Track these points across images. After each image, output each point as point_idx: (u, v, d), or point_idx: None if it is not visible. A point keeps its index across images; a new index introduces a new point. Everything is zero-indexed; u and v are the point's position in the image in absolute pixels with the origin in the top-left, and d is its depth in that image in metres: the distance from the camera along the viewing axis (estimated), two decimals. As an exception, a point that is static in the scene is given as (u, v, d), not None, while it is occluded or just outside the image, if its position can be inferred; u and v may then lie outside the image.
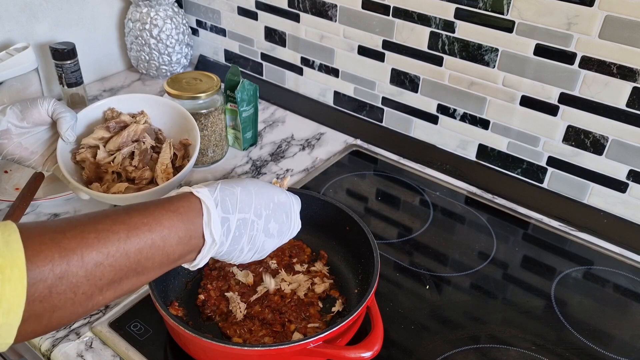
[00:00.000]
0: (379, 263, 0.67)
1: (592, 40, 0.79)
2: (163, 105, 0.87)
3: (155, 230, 0.47)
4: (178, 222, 0.49)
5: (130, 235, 0.46)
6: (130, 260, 0.46)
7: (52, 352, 0.66)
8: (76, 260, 0.42)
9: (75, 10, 1.18)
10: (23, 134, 0.70)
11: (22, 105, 0.69)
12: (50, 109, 0.70)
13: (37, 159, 0.73)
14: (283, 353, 0.59)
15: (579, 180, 0.90)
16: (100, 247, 0.44)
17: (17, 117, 0.69)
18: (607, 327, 0.73)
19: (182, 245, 0.50)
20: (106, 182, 0.78)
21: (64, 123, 0.71)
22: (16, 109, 0.69)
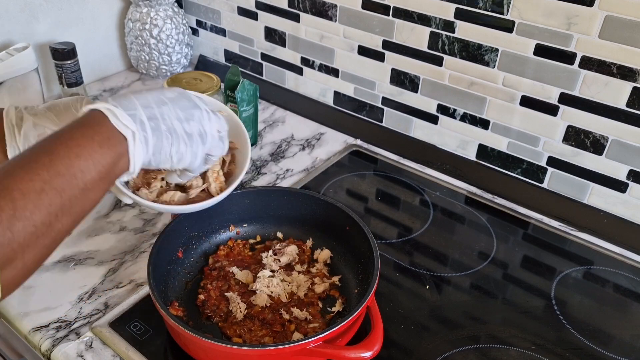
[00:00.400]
0: (379, 263, 0.67)
1: (592, 40, 0.79)
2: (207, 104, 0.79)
3: (80, 156, 0.48)
4: (89, 129, 0.50)
5: (59, 158, 0.47)
6: (67, 182, 0.47)
7: (52, 352, 0.66)
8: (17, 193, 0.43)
9: (75, 10, 1.18)
10: None
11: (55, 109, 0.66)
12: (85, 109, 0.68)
13: None
14: (283, 353, 0.59)
15: (579, 180, 0.90)
16: (32, 176, 0.45)
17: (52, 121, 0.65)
18: (607, 327, 0.73)
19: (103, 150, 0.50)
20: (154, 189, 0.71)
21: None
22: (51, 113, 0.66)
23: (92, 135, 0.50)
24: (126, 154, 0.52)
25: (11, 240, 0.42)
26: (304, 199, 0.79)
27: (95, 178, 0.49)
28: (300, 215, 0.80)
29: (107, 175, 0.51)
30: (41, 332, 0.68)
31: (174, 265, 0.74)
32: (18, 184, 0.44)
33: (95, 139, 0.50)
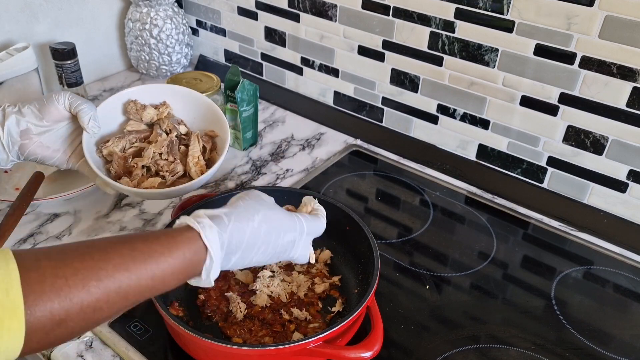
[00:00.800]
0: (379, 263, 0.67)
1: (592, 40, 0.79)
2: (185, 96, 0.80)
3: (158, 277, 0.48)
4: (181, 266, 0.50)
5: (132, 282, 0.46)
6: (129, 300, 0.47)
7: (52, 352, 0.66)
8: (76, 309, 0.43)
9: (75, 10, 1.18)
10: (43, 132, 0.68)
11: (39, 103, 0.67)
12: (67, 102, 0.68)
13: (59, 156, 0.71)
14: (283, 353, 0.59)
15: (579, 180, 0.90)
16: (100, 295, 0.44)
17: (35, 116, 0.66)
18: (607, 327, 0.73)
19: (179, 283, 0.51)
20: (136, 177, 0.74)
21: (84, 115, 0.68)
22: (33, 108, 0.67)
23: (177, 273, 0.50)
24: (203, 261, 0.52)
25: (43, 340, 0.42)
26: (303, 199, 0.79)
27: (167, 278, 0.50)
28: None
29: (181, 278, 0.51)
30: (41, 332, 0.68)
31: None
32: (83, 296, 0.43)
33: (177, 277, 0.50)
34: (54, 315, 0.42)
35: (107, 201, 0.90)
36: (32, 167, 0.92)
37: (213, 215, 0.54)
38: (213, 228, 0.52)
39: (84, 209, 0.88)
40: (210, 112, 0.80)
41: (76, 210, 0.88)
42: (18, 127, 0.66)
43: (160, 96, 0.80)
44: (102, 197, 0.91)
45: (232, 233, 0.53)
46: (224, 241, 0.52)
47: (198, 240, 0.51)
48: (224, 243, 0.52)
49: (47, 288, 0.42)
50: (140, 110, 0.77)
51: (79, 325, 0.44)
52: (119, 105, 0.78)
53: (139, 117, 0.77)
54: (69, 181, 0.92)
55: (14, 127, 0.65)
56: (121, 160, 0.74)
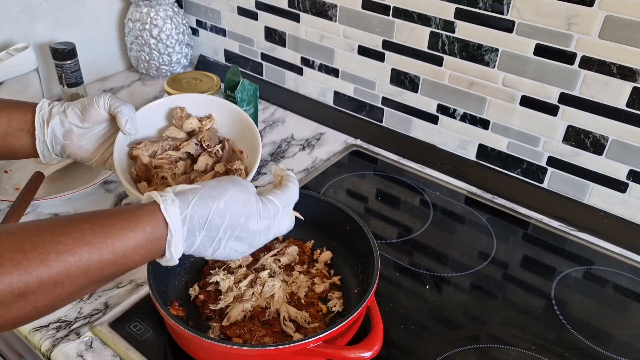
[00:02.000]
0: (379, 263, 0.67)
1: (592, 40, 0.79)
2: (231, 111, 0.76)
3: (118, 251, 0.48)
4: (142, 241, 0.50)
5: (93, 256, 0.47)
6: (91, 276, 0.47)
7: (52, 352, 0.66)
8: (35, 282, 0.44)
9: (75, 10, 1.18)
10: (83, 134, 0.68)
11: (80, 105, 0.68)
12: (107, 104, 0.68)
13: (98, 158, 0.70)
14: (283, 353, 0.59)
15: (579, 180, 0.90)
16: (60, 269, 0.45)
17: (78, 117, 0.67)
18: (607, 327, 0.73)
19: (143, 259, 0.51)
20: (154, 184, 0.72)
21: (122, 116, 0.68)
22: (77, 109, 0.67)
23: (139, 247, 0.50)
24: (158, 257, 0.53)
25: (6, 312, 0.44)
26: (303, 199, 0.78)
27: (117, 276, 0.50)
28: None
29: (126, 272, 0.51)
30: (41, 332, 0.68)
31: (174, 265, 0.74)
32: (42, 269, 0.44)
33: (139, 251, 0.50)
34: (13, 289, 0.43)
35: (107, 201, 0.90)
36: (32, 167, 0.92)
37: (179, 191, 0.54)
38: (175, 202, 0.51)
39: (84, 209, 0.88)
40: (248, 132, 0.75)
41: (76, 210, 0.88)
42: (62, 128, 0.67)
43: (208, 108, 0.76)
44: (102, 197, 0.91)
45: (195, 208, 0.52)
46: (185, 216, 0.52)
47: (159, 215, 0.50)
48: (185, 218, 0.52)
49: (6, 261, 0.43)
50: (184, 118, 0.74)
51: (41, 300, 0.45)
52: (161, 111, 0.75)
53: (180, 124, 0.74)
54: (69, 181, 0.92)
55: (58, 128, 0.66)
56: (142, 167, 0.72)
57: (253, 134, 0.74)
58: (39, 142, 0.66)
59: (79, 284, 0.47)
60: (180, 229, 0.52)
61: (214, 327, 0.67)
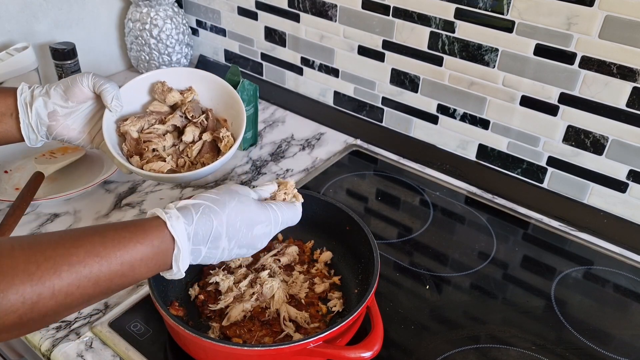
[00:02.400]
0: (379, 263, 0.67)
1: (592, 40, 0.79)
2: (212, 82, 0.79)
3: (127, 262, 0.50)
4: (150, 254, 0.51)
5: (103, 268, 0.48)
6: (100, 287, 0.49)
7: (52, 352, 0.66)
8: (48, 292, 0.45)
9: (75, 10, 1.18)
10: (69, 114, 0.69)
11: (64, 84, 0.68)
12: (91, 83, 0.69)
13: (85, 137, 0.72)
14: (283, 353, 0.59)
15: (579, 180, 0.90)
16: (72, 279, 0.46)
17: (61, 97, 0.68)
18: (607, 327, 0.73)
19: (150, 272, 0.53)
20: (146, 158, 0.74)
21: (107, 94, 0.69)
22: (59, 89, 0.68)
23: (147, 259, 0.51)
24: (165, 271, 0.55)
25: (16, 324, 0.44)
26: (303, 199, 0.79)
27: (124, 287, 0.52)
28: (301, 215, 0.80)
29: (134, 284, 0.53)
30: (41, 332, 0.68)
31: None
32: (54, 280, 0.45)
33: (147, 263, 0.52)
34: (26, 299, 0.43)
35: (107, 201, 0.90)
36: (32, 167, 0.92)
37: (181, 206, 0.55)
38: (179, 219, 0.53)
39: (84, 209, 0.88)
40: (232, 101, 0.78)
41: (76, 210, 0.88)
42: (46, 109, 0.67)
43: (188, 81, 0.79)
44: (102, 197, 0.91)
45: (198, 224, 0.54)
46: (190, 232, 0.54)
47: (165, 230, 0.52)
48: (190, 234, 0.54)
49: (20, 273, 0.44)
50: (166, 92, 0.77)
51: (52, 309, 0.46)
52: (143, 87, 0.78)
53: (163, 98, 0.77)
54: (69, 181, 0.92)
55: (42, 109, 0.67)
56: (133, 141, 0.75)
57: (235, 102, 0.77)
58: (23, 125, 0.66)
59: (87, 295, 0.48)
60: (187, 243, 0.54)
61: (214, 327, 0.67)
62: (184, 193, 0.94)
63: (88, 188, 0.88)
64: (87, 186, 0.88)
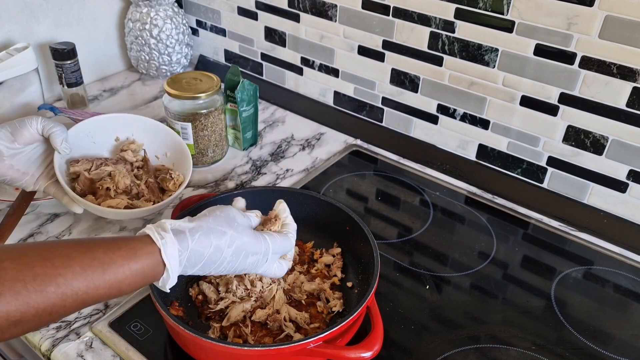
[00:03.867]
0: (379, 263, 0.67)
1: (592, 40, 0.79)
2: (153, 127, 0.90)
3: (114, 285, 0.50)
4: (139, 277, 0.52)
5: (89, 290, 0.48)
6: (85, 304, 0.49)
7: (52, 352, 0.66)
8: (32, 312, 0.45)
9: (75, 10, 1.18)
10: (14, 155, 0.71)
11: (11, 126, 0.70)
12: (40, 126, 0.71)
13: (28, 179, 0.74)
14: (283, 353, 0.59)
15: (579, 180, 0.90)
16: (57, 300, 0.46)
17: (8, 138, 0.69)
18: (607, 327, 0.73)
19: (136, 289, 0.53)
20: (100, 196, 0.81)
21: (56, 138, 0.72)
22: (6, 131, 0.69)
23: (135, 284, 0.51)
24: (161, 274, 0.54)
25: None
26: (304, 199, 0.79)
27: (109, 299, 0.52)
28: (300, 215, 0.79)
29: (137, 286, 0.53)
30: (41, 332, 0.68)
31: None
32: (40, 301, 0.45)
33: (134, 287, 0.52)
34: (9, 317, 0.43)
35: (107, 201, 0.90)
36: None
37: (177, 230, 0.55)
38: (174, 245, 0.53)
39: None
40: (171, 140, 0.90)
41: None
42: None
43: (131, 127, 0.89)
44: (102, 197, 0.91)
45: (192, 251, 0.54)
46: (183, 258, 0.54)
47: (157, 256, 0.52)
48: (182, 260, 0.54)
49: (6, 290, 0.43)
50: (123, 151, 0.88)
51: (34, 325, 0.46)
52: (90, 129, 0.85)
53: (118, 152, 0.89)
54: (69, 181, 0.92)
55: None
56: (87, 181, 0.81)
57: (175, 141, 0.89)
58: None
59: (72, 310, 0.48)
60: (177, 269, 0.54)
61: (214, 327, 0.67)
62: (184, 193, 0.94)
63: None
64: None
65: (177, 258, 0.53)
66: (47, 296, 0.45)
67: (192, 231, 0.55)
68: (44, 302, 0.45)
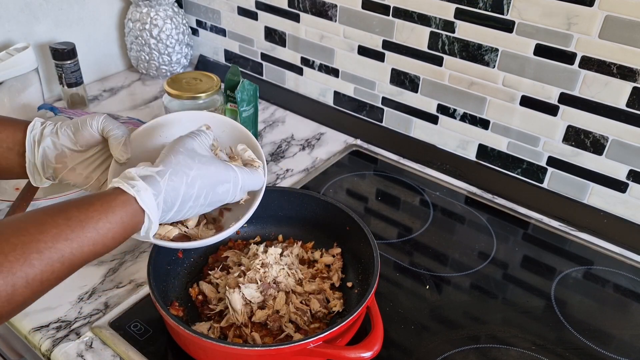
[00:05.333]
0: (379, 263, 0.67)
1: (592, 40, 0.79)
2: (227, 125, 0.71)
3: (99, 242, 0.50)
4: (120, 229, 0.51)
5: (74, 250, 0.48)
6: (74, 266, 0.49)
7: (52, 352, 0.66)
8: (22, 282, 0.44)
9: (75, 10, 1.18)
10: (76, 158, 0.65)
11: (74, 126, 0.64)
12: (100, 126, 0.64)
13: (93, 183, 0.67)
14: (283, 353, 0.59)
15: (579, 180, 0.90)
16: (44, 267, 0.46)
17: (70, 139, 0.63)
18: (607, 327, 0.73)
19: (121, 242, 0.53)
20: None
21: (114, 141, 0.64)
22: (69, 131, 0.64)
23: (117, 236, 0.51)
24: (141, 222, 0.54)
25: None
26: (304, 199, 0.79)
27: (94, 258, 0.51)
28: (300, 215, 0.80)
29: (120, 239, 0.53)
30: (41, 332, 0.68)
31: (174, 265, 0.74)
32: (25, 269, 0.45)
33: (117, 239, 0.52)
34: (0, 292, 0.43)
35: (107, 201, 0.90)
36: (32, 167, 0.92)
37: (145, 175, 0.54)
38: (148, 190, 0.52)
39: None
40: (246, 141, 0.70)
41: (76, 210, 0.88)
42: (55, 150, 0.63)
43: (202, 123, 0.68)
44: (102, 197, 0.91)
45: (167, 192, 0.54)
46: (159, 201, 0.53)
47: (134, 204, 0.52)
48: (159, 203, 0.53)
49: None
50: None
51: (29, 298, 0.46)
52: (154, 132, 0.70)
53: None
54: (69, 181, 0.92)
55: (50, 150, 0.63)
56: None
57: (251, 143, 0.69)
58: (29, 164, 0.63)
59: (63, 276, 0.48)
60: (157, 214, 0.53)
61: (214, 327, 0.67)
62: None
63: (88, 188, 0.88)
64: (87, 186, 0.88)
65: (154, 202, 0.53)
66: (32, 264, 0.45)
67: (160, 173, 0.54)
68: (31, 271, 0.45)
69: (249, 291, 0.68)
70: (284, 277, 0.71)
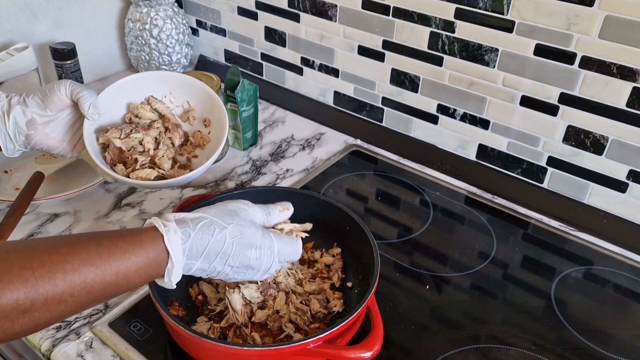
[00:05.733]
0: (379, 263, 0.67)
1: (592, 40, 0.79)
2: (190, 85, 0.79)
3: (121, 273, 0.50)
4: (144, 265, 0.52)
5: (97, 277, 0.48)
6: (93, 295, 0.49)
7: (52, 352, 0.66)
8: (41, 299, 0.45)
9: (75, 10, 1.18)
10: (48, 122, 0.69)
11: (42, 93, 0.68)
12: (68, 90, 0.68)
13: (65, 146, 0.72)
14: (283, 353, 0.59)
15: (579, 180, 0.90)
16: (66, 287, 0.46)
17: (39, 106, 0.67)
18: (607, 327, 0.73)
19: (143, 282, 0.53)
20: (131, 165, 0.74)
21: (84, 102, 0.68)
22: (37, 98, 0.68)
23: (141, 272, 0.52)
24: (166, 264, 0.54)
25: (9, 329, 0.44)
26: (304, 199, 0.79)
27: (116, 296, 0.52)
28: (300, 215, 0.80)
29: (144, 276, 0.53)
30: (41, 332, 0.68)
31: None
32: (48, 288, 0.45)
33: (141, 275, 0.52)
34: (19, 305, 0.43)
35: (106, 201, 0.90)
36: (32, 167, 0.92)
37: (180, 219, 0.55)
38: (177, 233, 0.53)
39: (84, 209, 0.88)
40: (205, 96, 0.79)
41: (76, 210, 0.88)
42: (24, 117, 0.67)
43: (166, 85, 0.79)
44: (102, 197, 0.91)
45: (195, 240, 0.54)
46: (185, 248, 0.54)
47: (161, 243, 0.53)
48: (185, 249, 0.54)
49: (14, 278, 0.43)
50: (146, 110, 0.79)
51: (44, 316, 0.46)
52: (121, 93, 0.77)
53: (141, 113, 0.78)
54: (69, 181, 0.92)
55: (20, 118, 0.66)
56: (116, 150, 0.74)
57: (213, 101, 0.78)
58: (0, 134, 0.66)
59: (80, 303, 0.48)
60: (181, 258, 0.54)
61: (214, 328, 0.67)
62: (184, 193, 0.94)
63: (88, 188, 0.88)
64: (87, 186, 0.88)
65: (180, 247, 0.53)
66: (55, 283, 0.45)
67: (194, 220, 0.56)
68: (53, 289, 0.45)
69: (249, 291, 0.68)
70: (284, 277, 0.71)
